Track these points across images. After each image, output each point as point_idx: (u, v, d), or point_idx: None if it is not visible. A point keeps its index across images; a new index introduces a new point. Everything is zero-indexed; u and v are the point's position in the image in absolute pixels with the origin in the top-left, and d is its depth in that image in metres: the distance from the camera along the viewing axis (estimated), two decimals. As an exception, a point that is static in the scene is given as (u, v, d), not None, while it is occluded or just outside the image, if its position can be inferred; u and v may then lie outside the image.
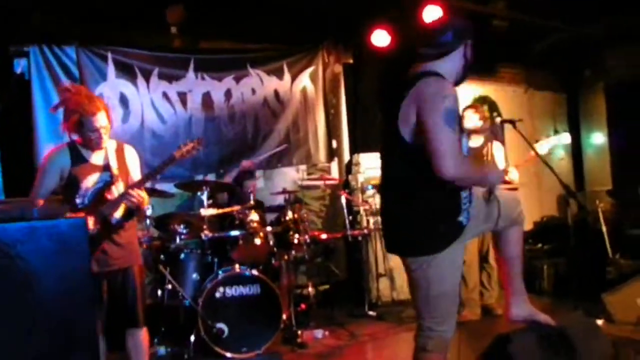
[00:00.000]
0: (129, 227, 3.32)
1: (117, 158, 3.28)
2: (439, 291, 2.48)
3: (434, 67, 2.51)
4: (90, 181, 3.18)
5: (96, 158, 3.24)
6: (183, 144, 3.36)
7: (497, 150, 4.95)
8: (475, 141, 4.91)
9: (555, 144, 4.34)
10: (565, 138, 4.29)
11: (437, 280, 2.46)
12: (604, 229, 5.60)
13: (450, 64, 2.54)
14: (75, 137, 3.22)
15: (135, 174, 3.35)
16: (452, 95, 2.36)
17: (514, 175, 4.56)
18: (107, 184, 3.20)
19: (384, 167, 2.67)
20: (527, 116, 7.57)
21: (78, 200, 3.16)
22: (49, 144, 5.14)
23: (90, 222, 3.09)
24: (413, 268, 2.51)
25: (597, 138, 8.06)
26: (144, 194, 3.22)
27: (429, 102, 2.33)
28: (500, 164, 4.88)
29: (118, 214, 3.23)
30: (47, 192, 3.16)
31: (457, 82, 2.59)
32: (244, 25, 6.10)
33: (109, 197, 3.19)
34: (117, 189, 3.22)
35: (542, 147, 4.38)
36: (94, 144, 3.19)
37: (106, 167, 3.22)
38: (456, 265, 2.53)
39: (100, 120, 3.12)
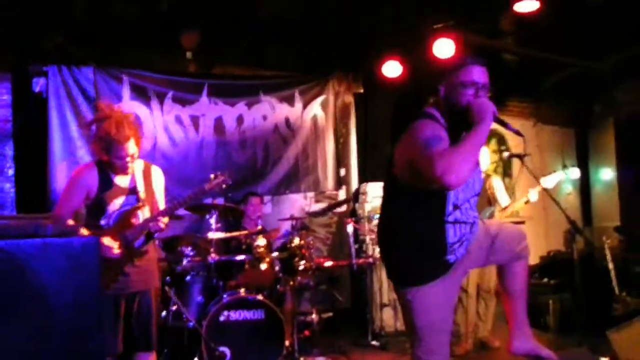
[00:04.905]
0: (150, 251, 3.32)
1: (144, 180, 3.28)
2: (426, 321, 2.48)
3: (430, 109, 2.53)
4: (116, 204, 3.18)
5: (123, 180, 3.23)
6: (213, 176, 3.44)
7: (496, 183, 4.94)
8: None
9: (562, 178, 4.36)
10: (574, 172, 4.30)
11: (423, 310, 2.47)
12: (610, 265, 5.56)
13: (439, 105, 2.51)
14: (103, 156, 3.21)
15: (160, 198, 3.36)
16: (430, 128, 2.34)
17: (533, 196, 4.51)
18: (134, 208, 3.20)
19: (382, 198, 2.71)
20: (536, 150, 7.59)
21: (103, 222, 3.16)
22: (63, 162, 5.24)
23: (115, 245, 3.09)
24: (401, 296, 2.55)
25: (606, 174, 8.03)
26: (166, 221, 3.26)
27: (407, 140, 2.40)
28: (502, 197, 4.89)
29: (141, 238, 3.24)
30: (72, 210, 3.17)
31: (450, 128, 2.43)
32: (258, 53, 6.21)
33: (134, 221, 3.19)
34: (143, 213, 3.22)
35: (549, 181, 4.41)
36: (119, 170, 3.20)
37: (132, 190, 3.22)
38: (446, 298, 2.53)
39: (128, 148, 3.11)
